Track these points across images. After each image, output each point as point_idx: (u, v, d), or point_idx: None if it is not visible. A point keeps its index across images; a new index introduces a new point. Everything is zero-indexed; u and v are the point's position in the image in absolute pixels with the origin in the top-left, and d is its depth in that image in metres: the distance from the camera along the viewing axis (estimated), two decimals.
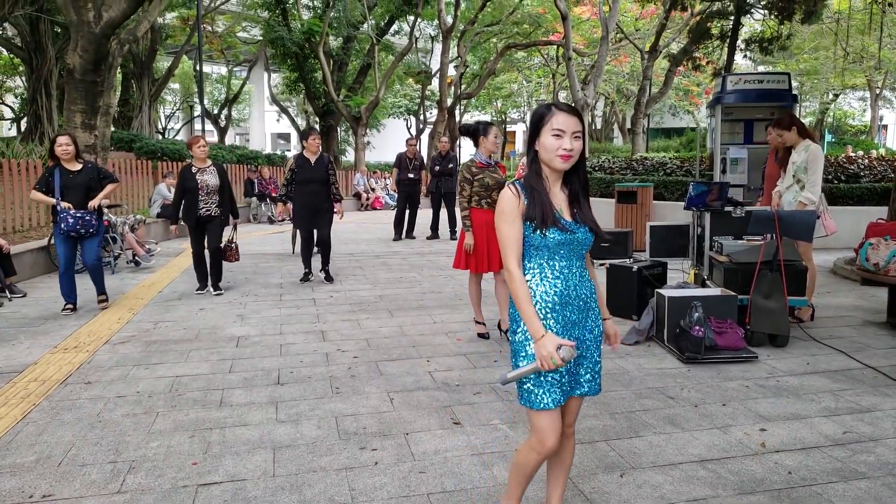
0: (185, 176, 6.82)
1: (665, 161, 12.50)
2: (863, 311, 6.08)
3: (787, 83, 8.39)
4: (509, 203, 2.18)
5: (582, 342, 2.27)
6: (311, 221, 7.29)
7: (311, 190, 7.17)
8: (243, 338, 5.23)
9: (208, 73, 29.38)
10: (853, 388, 4.08)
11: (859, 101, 37.53)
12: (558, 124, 2.17)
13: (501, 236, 2.19)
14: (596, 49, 23.37)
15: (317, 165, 7.19)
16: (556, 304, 2.19)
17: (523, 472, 2.32)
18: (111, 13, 10.42)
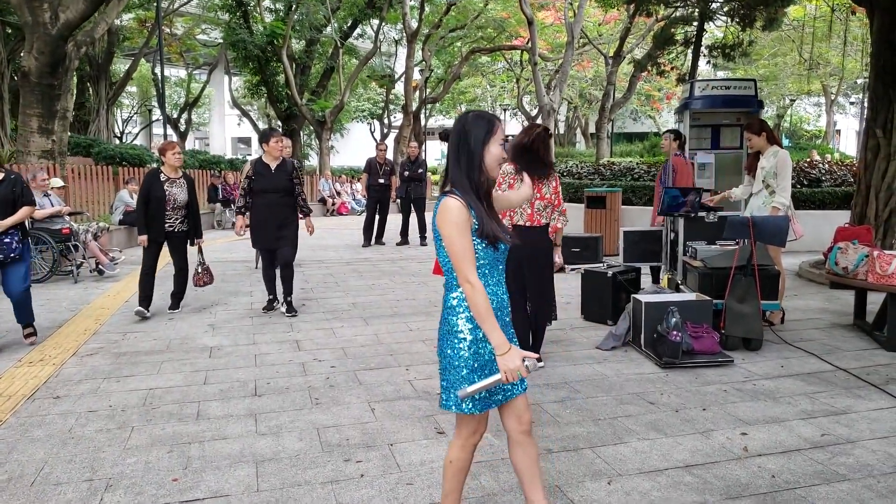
0: (152, 183, 6.04)
1: (632, 166, 12.72)
2: (830, 313, 6.27)
3: (753, 89, 8.61)
4: (461, 214, 2.15)
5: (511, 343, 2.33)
6: (271, 239, 6.08)
7: (270, 201, 6.02)
8: (216, 348, 5.13)
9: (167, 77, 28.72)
10: (827, 390, 4.19)
11: (814, 106, 38.76)
12: (499, 136, 2.23)
13: (458, 248, 2.14)
14: (560, 53, 23.66)
15: (278, 172, 6.07)
16: (496, 311, 2.25)
17: (461, 469, 2.38)
18: (68, 14, 10.14)
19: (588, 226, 10.12)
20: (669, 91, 30.91)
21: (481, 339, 2.24)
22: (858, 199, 8.36)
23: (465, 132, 2.23)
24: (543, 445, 3.36)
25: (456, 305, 2.26)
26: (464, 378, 2.23)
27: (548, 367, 4.64)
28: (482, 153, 2.21)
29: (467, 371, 2.24)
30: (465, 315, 2.25)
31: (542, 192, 4.52)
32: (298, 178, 6.21)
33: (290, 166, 6.16)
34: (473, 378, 2.23)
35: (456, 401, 2.26)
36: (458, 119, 2.30)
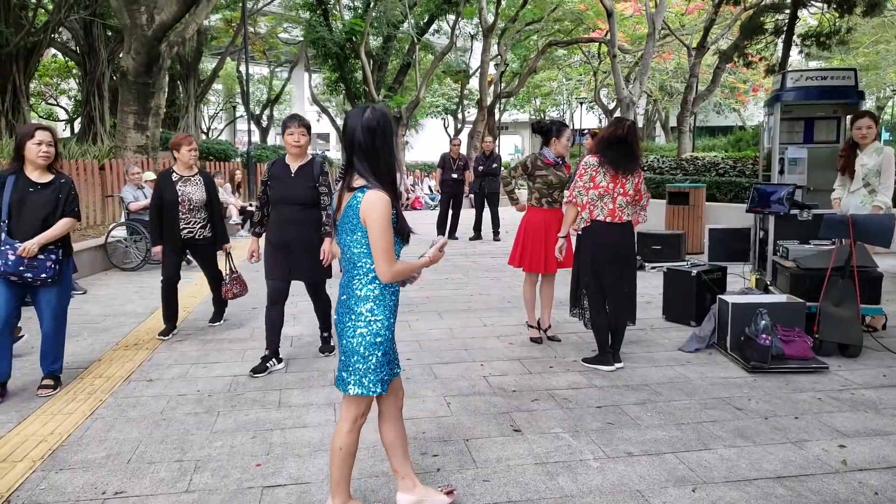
0: (163, 185, 5.24)
1: (717, 161, 12.21)
2: None
3: (852, 79, 8.05)
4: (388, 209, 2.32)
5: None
6: (286, 269, 4.46)
7: (287, 216, 4.41)
8: (296, 337, 5.26)
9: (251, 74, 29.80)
10: None
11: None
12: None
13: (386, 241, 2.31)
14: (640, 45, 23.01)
15: (300, 177, 4.40)
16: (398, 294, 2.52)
17: (351, 454, 2.51)
18: (163, 16, 10.63)
19: (670, 223, 9.79)
20: (756, 83, 29.51)
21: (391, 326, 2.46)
22: None
23: (380, 130, 2.36)
24: (623, 448, 3.26)
25: (363, 297, 2.40)
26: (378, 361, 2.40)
27: (627, 368, 4.50)
28: (391, 145, 2.39)
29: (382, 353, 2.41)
30: (376, 303, 2.40)
31: (626, 187, 4.38)
32: (326, 185, 4.45)
33: (317, 168, 4.44)
34: (384, 361, 2.41)
35: (372, 384, 2.40)
36: (366, 118, 2.38)
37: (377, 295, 2.41)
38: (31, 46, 15.13)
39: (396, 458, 2.65)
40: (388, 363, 2.46)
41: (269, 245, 4.47)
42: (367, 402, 2.51)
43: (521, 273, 5.31)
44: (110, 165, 10.20)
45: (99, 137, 16.36)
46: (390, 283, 2.44)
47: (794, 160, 8.20)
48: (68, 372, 4.37)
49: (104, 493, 2.82)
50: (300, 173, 4.40)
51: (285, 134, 4.36)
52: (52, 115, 29.00)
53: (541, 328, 5.22)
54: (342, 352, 2.46)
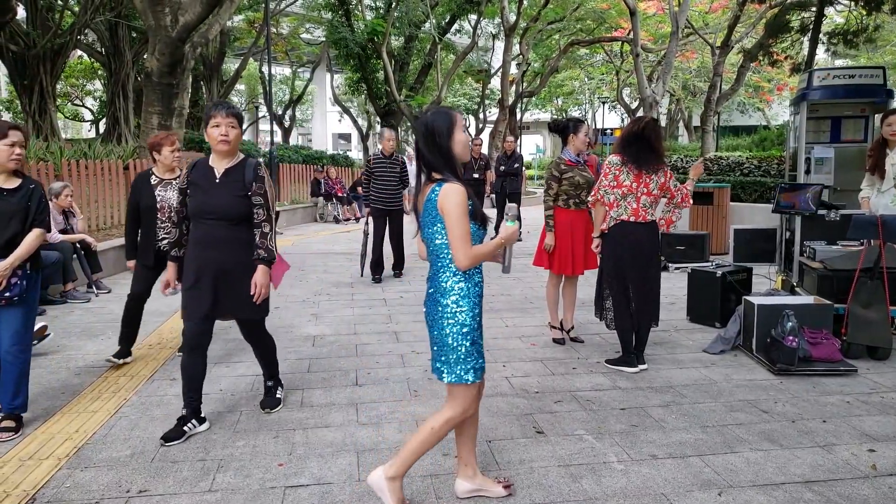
0: (140, 189, 4.50)
1: (741, 161, 12.04)
2: None
3: (881, 77, 7.89)
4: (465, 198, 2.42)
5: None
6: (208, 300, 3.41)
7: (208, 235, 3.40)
8: (319, 337, 5.27)
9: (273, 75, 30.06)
10: None
11: None
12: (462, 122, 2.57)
13: (463, 229, 2.40)
14: (662, 44, 22.78)
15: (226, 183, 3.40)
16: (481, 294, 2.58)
17: (432, 443, 2.59)
18: (187, 17, 10.75)
19: (694, 223, 9.68)
20: (780, 82, 29.08)
21: (478, 315, 2.54)
22: None
23: (430, 130, 2.48)
24: (648, 451, 3.22)
25: (448, 289, 2.49)
26: (468, 349, 2.47)
27: (651, 370, 4.45)
28: (450, 144, 2.48)
29: (471, 342, 2.49)
30: (459, 294, 2.48)
31: (650, 186, 4.32)
32: (262, 194, 3.39)
33: (249, 171, 3.39)
34: (474, 349, 2.49)
35: (462, 372, 2.49)
36: (419, 120, 2.57)
37: (462, 286, 2.49)
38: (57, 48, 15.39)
39: (464, 446, 2.76)
40: (477, 352, 2.53)
41: (186, 273, 3.41)
42: (468, 392, 2.56)
43: (543, 273, 5.28)
44: (134, 165, 10.32)
45: (123, 138, 16.61)
46: (474, 274, 2.53)
47: (821, 160, 8.07)
48: (92, 371, 4.43)
49: (128, 491, 2.84)
50: (227, 178, 3.35)
51: (209, 126, 3.29)
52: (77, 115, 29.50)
53: (563, 329, 5.18)
54: (433, 342, 2.56)
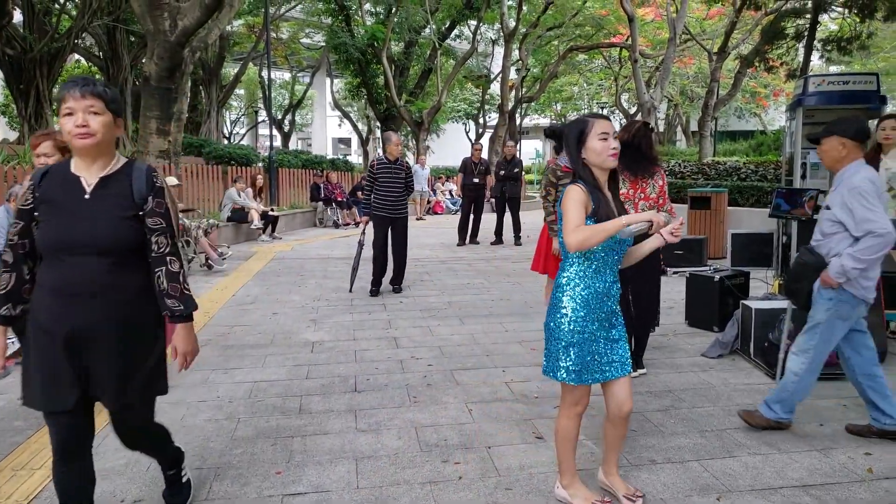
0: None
1: (739, 165, 12.06)
2: None
3: (874, 84, 7.89)
4: (579, 194, 2.51)
5: (615, 326, 2.66)
6: (67, 382, 2.16)
7: (72, 279, 2.13)
8: (318, 343, 5.26)
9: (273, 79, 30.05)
10: None
11: None
12: (602, 128, 2.54)
13: (569, 217, 2.46)
14: (660, 50, 22.82)
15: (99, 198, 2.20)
16: (601, 294, 2.58)
17: (570, 440, 2.70)
18: (186, 21, 10.75)
19: (692, 227, 9.68)
20: (777, 88, 29.14)
21: (581, 319, 2.55)
22: None
23: (565, 137, 2.64)
24: (647, 456, 3.21)
25: (564, 284, 2.59)
26: (562, 350, 2.56)
27: (650, 375, 4.44)
28: (579, 152, 2.59)
29: (565, 344, 2.56)
30: (569, 294, 2.56)
31: (647, 192, 4.32)
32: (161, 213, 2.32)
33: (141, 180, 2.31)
34: (570, 352, 2.54)
35: (553, 369, 2.60)
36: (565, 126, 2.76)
37: (567, 285, 2.58)
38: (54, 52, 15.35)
39: (606, 451, 2.85)
40: (576, 356, 2.56)
41: (39, 336, 2.22)
42: (578, 393, 2.63)
43: (542, 278, 5.28)
44: None
45: (121, 142, 16.59)
46: (584, 277, 2.56)
47: (816, 165, 8.05)
48: None
49: (122, 500, 2.82)
50: (104, 192, 2.25)
51: (61, 115, 2.20)
52: None
53: None
54: (545, 336, 2.69)
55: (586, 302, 2.56)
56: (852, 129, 3.31)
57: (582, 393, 2.63)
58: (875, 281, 3.30)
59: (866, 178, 3.22)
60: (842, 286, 3.26)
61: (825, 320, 3.35)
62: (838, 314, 3.32)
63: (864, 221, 3.14)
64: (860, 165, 3.30)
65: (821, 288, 3.35)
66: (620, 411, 2.68)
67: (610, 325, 2.64)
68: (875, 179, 3.23)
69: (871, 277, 3.26)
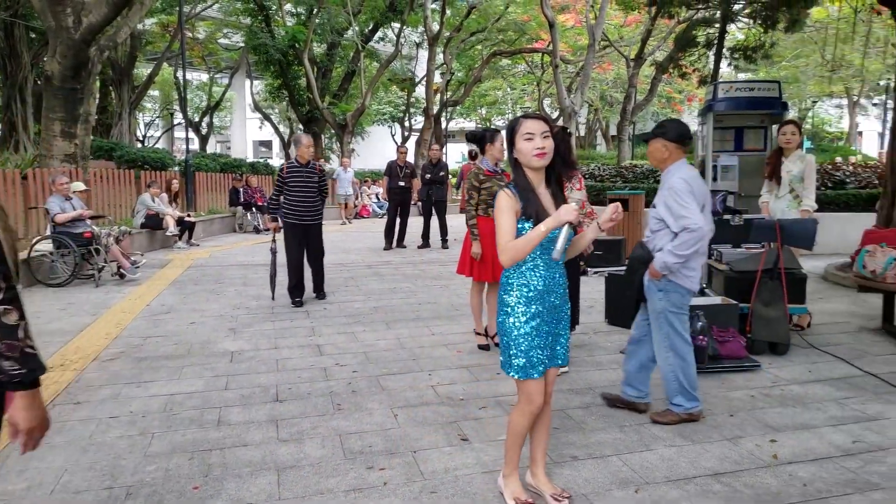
0: None
1: (655, 168, 12.54)
2: (857, 317, 6.12)
3: (777, 90, 8.44)
4: (507, 201, 2.57)
5: (560, 322, 2.73)
6: None
7: None
8: (237, 353, 5.12)
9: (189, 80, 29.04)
10: (857, 395, 4.08)
11: (836, 108, 38.17)
12: (527, 129, 2.58)
13: (501, 226, 2.54)
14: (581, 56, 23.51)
15: None
16: (542, 292, 2.63)
17: (519, 434, 2.75)
18: (91, 18, 10.25)
19: (611, 229, 9.99)
20: (690, 93, 30.60)
21: (523, 315, 2.61)
22: (884, 202, 8.18)
23: (506, 136, 2.70)
24: (569, 453, 3.29)
25: (505, 282, 2.67)
26: (511, 346, 2.63)
27: (572, 373, 4.56)
28: (511, 151, 2.67)
29: (510, 340, 2.64)
30: (511, 292, 2.64)
31: (566, 194, 4.44)
32: None
33: None
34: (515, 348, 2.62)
35: (505, 364, 2.69)
36: None
37: (509, 283, 2.65)
38: None
39: (531, 444, 2.89)
40: (521, 351, 2.62)
41: None
42: (529, 386, 2.65)
43: (469, 280, 5.33)
44: (34, 175, 9.73)
45: (22, 145, 15.63)
46: (523, 275, 2.62)
47: (727, 167, 8.51)
48: None
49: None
50: None
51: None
52: None
53: (488, 335, 5.25)
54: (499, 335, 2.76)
55: (528, 299, 2.62)
56: (673, 133, 3.61)
57: (533, 389, 2.66)
58: (698, 272, 3.61)
59: (682, 178, 3.50)
60: (669, 278, 3.55)
61: (660, 310, 3.63)
62: (670, 303, 3.61)
63: (679, 218, 3.42)
64: (679, 166, 3.58)
65: (651, 280, 3.63)
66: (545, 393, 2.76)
67: (554, 321, 2.69)
68: (691, 179, 3.51)
69: (694, 268, 3.56)
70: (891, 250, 5.15)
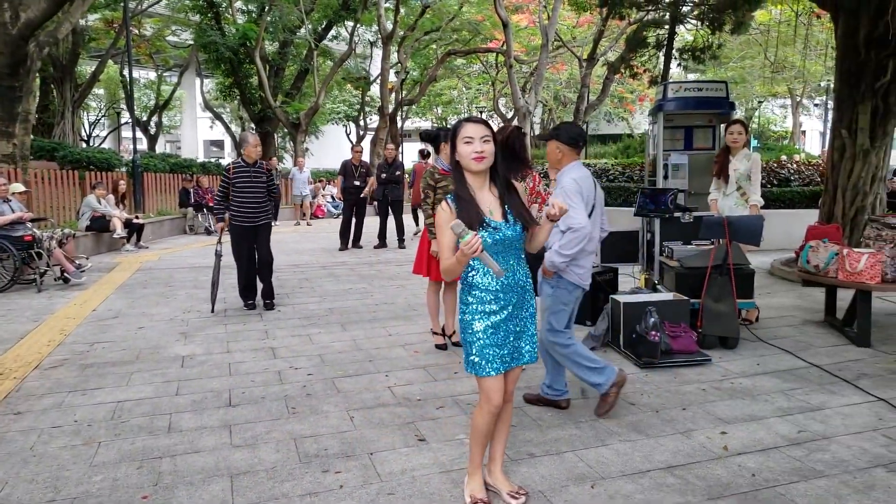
0: None
1: (608, 167, 12.78)
2: (802, 310, 6.34)
3: (724, 91, 8.69)
4: (444, 216, 2.55)
5: (521, 319, 2.72)
6: None
7: None
8: (188, 357, 5.01)
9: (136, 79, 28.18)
10: (802, 386, 4.22)
11: (780, 108, 39.45)
12: (466, 133, 2.57)
13: (440, 243, 2.58)
14: (535, 56, 23.74)
15: None
16: (497, 291, 2.64)
17: (481, 433, 2.74)
18: (29, 14, 9.87)
19: None
20: (642, 93, 31.20)
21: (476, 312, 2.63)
22: (826, 199, 8.49)
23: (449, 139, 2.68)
24: (526, 450, 3.32)
25: (463, 279, 2.69)
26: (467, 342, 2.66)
27: (528, 370, 4.59)
28: (453, 155, 2.65)
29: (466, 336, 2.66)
30: (467, 289, 2.66)
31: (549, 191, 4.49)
32: None
33: None
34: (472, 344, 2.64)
35: (464, 361, 2.69)
36: None
37: (465, 282, 2.67)
38: None
39: (492, 442, 2.87)
40: (476, 348, 2.62)
41: None
42: (485, 384, 2.65)
43: (426, 280, 5.33)
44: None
45: None
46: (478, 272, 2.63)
47: (677, 166, 8.72)
48: None
49: None
50: None
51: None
52: None
53: (445, 334, 5.25)
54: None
55: (482, 299, 2.63)
56: (566, 136, 3.75)
57: (491, 386, 2.64)
58: (588, 269, 3.74)
59: (573, 178, 3.65)
60: (559, 275, 3.68)
61: (550, 305, 3.77)
62: (559, 300, 3.74)
63: (566, 218, 3.51)
64: (572, 167, 3.72)
65: (543, 277, 3.76)
66: (505, 391, 2.74)
67: (515, 318, 2.68)
68: (581, 179, 3.65)
69: (583, 265, 3.69)
70: (832, 246, 5.35)
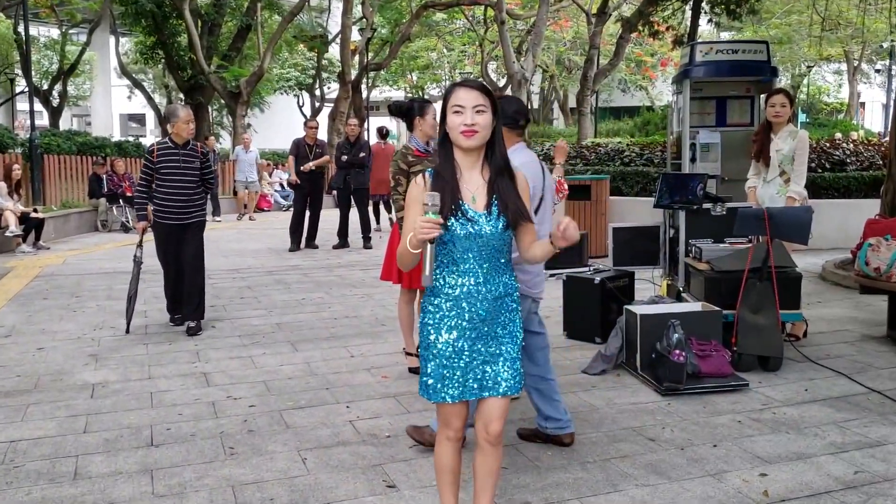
0: None
1: (622, 148, 12.88)
2: (859, 323, 6.44)
3: (765, 53, 8.72)
4: (416, 191, 2.58)
5: (493, 338, 2.65)
6: None
7: None
8: (100, 385, 5.02)
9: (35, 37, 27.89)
10: (859, 417, 4.28)
11: (834, 74, 39.87)
12: (457, 100, 2.54)
13: (405, 221, 2.62)
14: (532, 10, 23.85)
15: None
16: (458, 300, 2.60)
17: (442, 468, 2.75)
18: None
19: None
20: (664, 56, 31.44)
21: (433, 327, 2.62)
22: (890, 186, 8.57)
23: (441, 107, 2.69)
24: (520, 498, 3.34)
25: (427, 289, 2.67)
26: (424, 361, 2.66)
27: (523, 398, 4.60)
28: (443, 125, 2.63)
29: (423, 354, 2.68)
30: (429, 300, 2.65)
31: None
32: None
33: None
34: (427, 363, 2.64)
35: (421, 386, 2.68)
36: None
37: (430, 289, 2.66)
38: None
39: (475, 491, 2.81)
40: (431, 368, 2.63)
41: None
42: (444, 411, 2.67)
43: (398, 289, 5.34)
44: None
45: None
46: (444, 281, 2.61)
47: (707, 146, 8.76)
48: None
49: None
50: None
51: None
52: None
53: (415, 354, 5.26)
54: None
55: (443, 309, 2.61)
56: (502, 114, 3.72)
57: (449, 413, 2.65)
58: (536, 274, 3.79)
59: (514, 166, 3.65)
60: None
61: None
62: None
63: None
64: (513, 152, 3.71)
65: None
66: (487, 432, 2.67)
67: (481, 338, 2.62)
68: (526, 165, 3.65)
69: (528, 270, 3.70)
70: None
